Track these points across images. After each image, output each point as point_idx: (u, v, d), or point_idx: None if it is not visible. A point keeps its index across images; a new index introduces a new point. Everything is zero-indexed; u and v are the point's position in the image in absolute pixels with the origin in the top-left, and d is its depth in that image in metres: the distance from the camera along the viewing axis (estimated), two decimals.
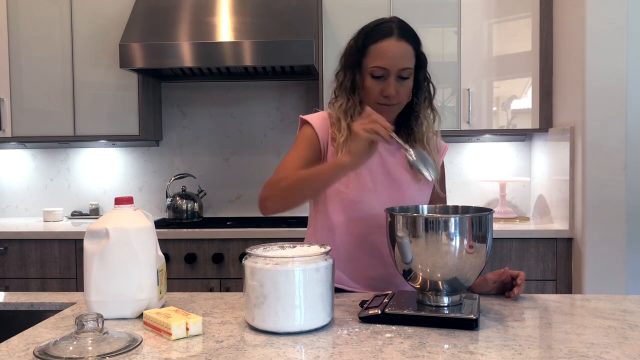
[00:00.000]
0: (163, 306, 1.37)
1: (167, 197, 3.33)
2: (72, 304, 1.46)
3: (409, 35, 1.50)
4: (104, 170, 3.53)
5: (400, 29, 1.49)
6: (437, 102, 3.07)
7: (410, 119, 1.58)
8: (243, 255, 2.81)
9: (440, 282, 1.26)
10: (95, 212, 3.43)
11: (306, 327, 1.17)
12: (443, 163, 1.70)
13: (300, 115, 1.61)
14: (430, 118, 1.58)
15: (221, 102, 3.48)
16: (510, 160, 3.41)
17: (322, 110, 1.66)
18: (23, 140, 3.28)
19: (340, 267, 1.56)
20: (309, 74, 3.27)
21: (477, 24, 3.07)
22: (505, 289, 1.47)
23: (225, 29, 2.98)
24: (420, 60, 1.53)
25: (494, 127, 3.11)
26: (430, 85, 1.58)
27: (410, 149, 1.39)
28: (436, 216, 1.26)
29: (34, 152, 3.54)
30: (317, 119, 1.58)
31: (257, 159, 3.46)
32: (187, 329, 1.16)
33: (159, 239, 1.39)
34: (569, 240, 2.79)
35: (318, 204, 1.61)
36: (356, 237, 1.56)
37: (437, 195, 1.64)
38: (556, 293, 2.78)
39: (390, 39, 1.47)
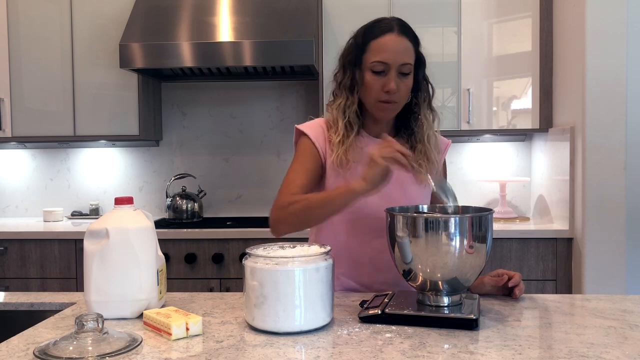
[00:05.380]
0: (163, 306, 1.37)
1: (167, 197, 3.33)
2: (72, 304, 1.46)
3: (409, 32, 1.51)
4: (104, 170, 3.53)
5: (400, 26, 1.50)
6: (437, 102, 3.09)
7: (410, 119, 1.58)
8: (243, 255, 2.81)
9: (440, 282, 1.26)
10: (95, 212, 3.43)
11: (306, 327, 1.17)
12: (445, 162, 1.69)
13: (296, 125, 1.60)
14: (430, 118, 1.58)
15: (221, 102, 3.48)
16: (510, 160, 3.41)
17: (318, 117, 1.65)
18: (23, 140, 3.28)
19: (348, 275, 1.55)
20: (309, 74, 3.27)
21: (477, 24, 3.07)
22: (501, 289, 1.47)
23: (225, 29, 2.98)
24: (420, 60, 1.54)
25: (494, 127, 3.11)
26: (430, 85, 1.58)
27: (431, 179, 1.40)
28: (436, 216, 1.26)
29: (34, 152, 3.54)
30: (312, 128, 1.57)
31: (257, 159, 3.46)
32: (187, 329, 1.16)
33: (159, 239, 1.39)
34: (569, 240, 2.79)
35: None
36: (360, 241, 1.54)
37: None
38: (556, 293, 2.78)
39: (391, 34, 1.48)
